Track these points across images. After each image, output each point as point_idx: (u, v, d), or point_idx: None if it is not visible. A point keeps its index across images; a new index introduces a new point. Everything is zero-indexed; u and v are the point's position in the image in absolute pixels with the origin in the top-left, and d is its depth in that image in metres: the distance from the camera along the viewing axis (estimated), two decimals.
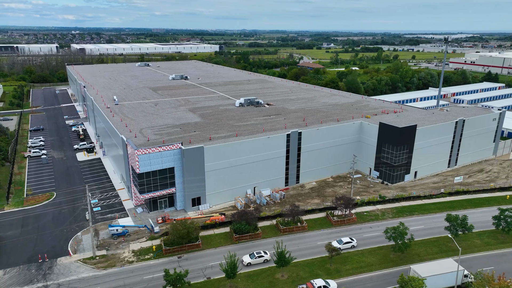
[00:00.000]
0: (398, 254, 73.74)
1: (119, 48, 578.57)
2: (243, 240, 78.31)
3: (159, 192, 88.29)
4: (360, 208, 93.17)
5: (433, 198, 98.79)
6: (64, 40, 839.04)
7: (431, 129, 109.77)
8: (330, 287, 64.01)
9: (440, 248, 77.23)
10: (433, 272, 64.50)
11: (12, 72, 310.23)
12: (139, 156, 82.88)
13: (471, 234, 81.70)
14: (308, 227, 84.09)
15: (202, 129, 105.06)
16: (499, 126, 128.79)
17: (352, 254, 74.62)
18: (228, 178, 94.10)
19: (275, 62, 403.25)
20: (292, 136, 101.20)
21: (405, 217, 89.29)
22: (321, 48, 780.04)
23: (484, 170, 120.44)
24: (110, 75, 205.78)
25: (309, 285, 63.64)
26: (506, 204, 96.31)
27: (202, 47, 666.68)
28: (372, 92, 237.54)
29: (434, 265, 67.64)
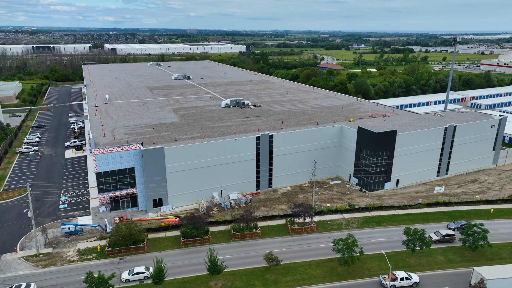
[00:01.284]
0: (345, 267, 69.48)
1: (148, 48, 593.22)
2: (190, 244, 76.70)
3: (119, 192, 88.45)
4: (325, 216, 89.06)
5: (408, 208, 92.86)
6: (100, 41, 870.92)
7: (415, 135, 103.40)
8: (412, 280, 65.51)
9: (396, 263, 72.08)
10: (499, 275, 61.76)
11: (38, 70, 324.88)
12: (96, 155, 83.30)
13: (436, 250, 76.07)
14: (264, 234, 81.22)
15: (175, 129, 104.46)
16: (499, 133, 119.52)
17: (298, 265, 71.15)
18: (192, 180, 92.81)
19: (295, 63, 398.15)
20: (262, 139, 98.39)
21: (371, 228, 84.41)
22: (350, 49, 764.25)
23: (478, 181, 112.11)
24: (117, 75, 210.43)
25: (391, 275, 65.21)
26: (488, 218, 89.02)
27: (229, 47, 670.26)
28: (383, 94, 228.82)
29: (500, 269, 65.00)
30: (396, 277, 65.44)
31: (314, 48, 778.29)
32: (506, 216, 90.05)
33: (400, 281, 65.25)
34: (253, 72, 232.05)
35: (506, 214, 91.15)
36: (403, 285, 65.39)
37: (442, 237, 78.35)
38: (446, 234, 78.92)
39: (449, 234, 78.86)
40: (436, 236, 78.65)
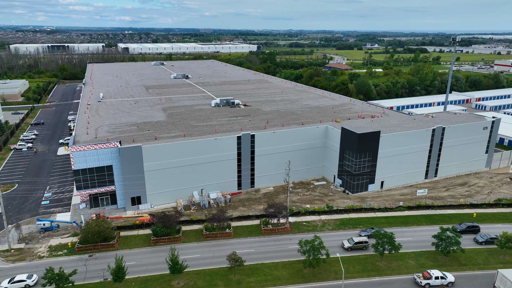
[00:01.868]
0: (311, 269, 68.66)
1: (160, 47, 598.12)
2: (161, 243, 77.00)
3: (98, 189, 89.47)
4: (302, 217, 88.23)
5: (388, 211, 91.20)
6: (114, 40, 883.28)
7: (400, 136, 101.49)
8: (447, 279, 65.32)
9: (365, 266, 70.86)
10: None
11: (47, 69, 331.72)
12: (73, 153, 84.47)
13: (409, 254, 74.53)
14: (236, 234, 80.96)
15: (159, 128, 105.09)
16: (493, 135, 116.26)
17: (265, 266, 70.63)
18: (171, 179, 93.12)
19: (303, 62, 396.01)
20: (243, 138, 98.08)
21: (346, 230, 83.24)
22: (362, 48, 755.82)
23: (467, 184, 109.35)
24: (119, 73, 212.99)
25: (426, 274, 65.65)
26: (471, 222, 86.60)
27: (240, 47, 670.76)
28: (386, 95, 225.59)
29: None
30: (431, 275, 65.27)
31: (326, 48, 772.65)
32: (488, 221, 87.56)
33: (435, 280, 64.75)
34: (254, 71, 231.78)
35: (489, 218, 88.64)
36: (438, 284, 64.60)
37: (355, 244, 74.99)
38: (359, 241, 75.37)
39: (362, 241, 75.34)
40: (348, 243, 75.53)
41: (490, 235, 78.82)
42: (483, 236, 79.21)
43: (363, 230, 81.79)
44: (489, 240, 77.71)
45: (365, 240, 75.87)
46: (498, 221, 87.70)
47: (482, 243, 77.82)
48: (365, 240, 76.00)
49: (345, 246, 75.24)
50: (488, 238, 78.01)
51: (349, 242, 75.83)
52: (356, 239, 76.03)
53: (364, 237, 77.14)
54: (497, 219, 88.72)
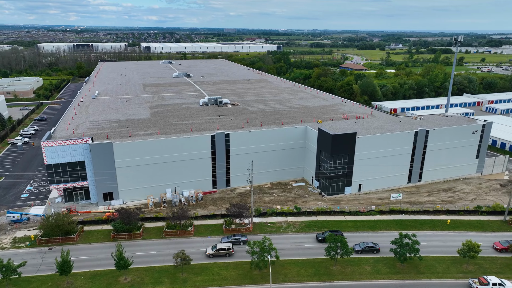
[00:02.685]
0: (261, 271, 67.92)
1: (181, 46, 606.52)
2: (120, 239, 78.17)
3: (71, 184, 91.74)
4: (269, 218, 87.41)
5: (359, 215, 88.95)
6: (139, 39, 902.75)
7: (378, 139, 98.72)
8: (506, 286, 63.85)
9: (318, 270, 69.44)
10: None
11: (65, 67, 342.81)
12: (45, 148, 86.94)
13: (367, 260, 72.52)
14: (198, 233, 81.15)
15: (139, 125, 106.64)
16: (484, 140, 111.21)
17: (216, 265, 70.45)
18: (144, 176, 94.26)
19: (317, 62, 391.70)
20: (217, 137, 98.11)
21: (310, 233, 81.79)
22: (385, 49, 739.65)
23: (453, 189, 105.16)
24: (125, 72, 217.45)
25: (482, 280, 64.48)
26: (443, 229, 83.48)
27: (260, 46, 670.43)
28: (392, 96, 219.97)
29: None
30: (488, 282, 63.81)
31: (348, 48, 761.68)
32: (461, 229, 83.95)
33: (493, 286, 63.41)
34: (257, 71, 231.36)
35: (463, 226, 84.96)
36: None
37: (216, 250, 71.77)
38: (221, 248, 72.08)
39: (224, 248, 72.07)
40: (210, 250, 72.12)
41: (369, 243, 75.25)
42: (361, 244, 75.59)
43: (224, 237, 77.46)
44: (366, 249, 74.21)
45: (228, 247, 72.31)
46: (471, 229, 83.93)
47: (359, 251, 74.12)
48: (228, 247, 72.38)
49: (207, 253, 72.27)
50: (365, 247, 74.49)
51: (212, 249, 72.68)
52: (219, 245, 72.85)
53: (228, 244, 73.44)
54: (471, 226, 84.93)
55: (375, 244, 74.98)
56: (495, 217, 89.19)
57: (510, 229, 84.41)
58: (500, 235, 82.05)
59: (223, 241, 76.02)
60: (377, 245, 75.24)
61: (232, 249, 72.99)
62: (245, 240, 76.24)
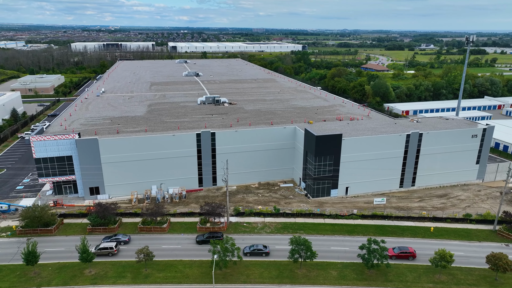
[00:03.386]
0: (223, 271, 67.63)
1: (206, 46, 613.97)
2: (96, 232, 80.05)
3: (59, 178, 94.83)
4: (246, 218, 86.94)
5: (339, 218, 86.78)
6: (168, 39, 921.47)
7: (366, 141, 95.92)
8: None
9: (282, 273, 68.34)
10: None
11: (90, 65, 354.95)
12: (34, 142, 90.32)
13: (336, 264, 70.74)
14: (172, 230, 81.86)
15: (130, 122, 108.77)
16: (485, 145, 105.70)
17: (181, 263, 70.77)
18: (129, 172, 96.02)
19: (338, 62, 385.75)
20: (203, 136, 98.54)
21: (284, 234, 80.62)
22: (414, 49, 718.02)
23: (447, 196, 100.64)
24: (138, 70, 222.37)
25: None
26: (425, 237, 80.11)
27: (285, 46, 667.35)
28: (407, 98, 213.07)
29: None
30: None
31: (376, 48, 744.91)
32: (445, 237, 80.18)
33: None
34: (268, 71, 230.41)
35: (447, 234, 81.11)
36: None
37: (99, 249, 71.76)
38: (103, 247, 71.93)
39: (107, 247, 71.92)
40: (93, 249, 71.48)
41: (257, 246, 73.63)
42: (250, 247, 73.76)
43: (106, 237, 76.85)
44: (254, 251, 72.59)
45: (111, 246, 72.34)
46: (456, 238, 79.96)
47: (247, 254, 72.71)
48: (111, 246, 72.39)
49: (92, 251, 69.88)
50: (254, 249, 72.79)
51: (95, 248, 72.45)
52: (102, 245, 73.04)
53: (111, 243, 73.27)
54: (456, 235, 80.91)
55: (265, 247, 73.39)
56: (485, 226, 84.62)
57: (498, 240, 79.83)
58: (485, 245, 77.76)
59: (105, 241, 75.50)
60: (267, 248, 73.49)
61: (115, 249, 72.75)
62: (125, 240, 76.00)
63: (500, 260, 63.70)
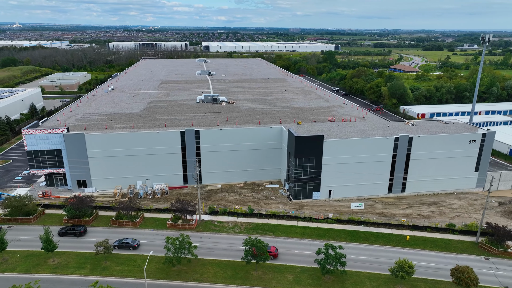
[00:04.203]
0: (178, 268, 68.01)
1: (238, 46, 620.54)
2: (72, 223, 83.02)
3: (49, 170, 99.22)
4: (219, 217, 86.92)
5: (314, 222, 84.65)
6: (203, 38, 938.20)
7: (351, 143, 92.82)
8: None
9: (236, 273, 67.69)
10: None
11: (118, 64, 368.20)
12: (25, 135, 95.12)
13: (294, 268, 69.24)
14: (144, 225, 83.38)
15: (124, 119, 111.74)
16: (485, 151, 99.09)
17: (141, 257, 71.77)
18: (115, 167, 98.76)
19: (365, 63, 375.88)
20: (187, 134, 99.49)
21: (252, 235, 79.06)
22: (454, 49, 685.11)
23: (439, 204, 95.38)
24: (156, 68, 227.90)
25: None
26: (399, 246, 76.47)
27: (317, 46, 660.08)
28: (426, 100, 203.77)
29: None
30: None
31: (413, 48, 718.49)
32: (420, 247, 76.09)
33: None
34: (282, 70, 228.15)
35: (424, 244, 76.89)
36: None
37: None
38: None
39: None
40: None
41: (127, 239, 75.01)
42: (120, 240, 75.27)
43: None
44: (122, 245, 74.40)
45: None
46: (431, 248, 75.61)
47: (115, 247, 74.44)
48: None
49: None
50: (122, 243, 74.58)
51: None
52: None
53: None
54: (433, 245, 76.54)
55: (133, 241, 74.94)
56: (468, 237, 79.39)
57: (479, 253, 74.63)
58: (462, 257, 72.98)
59: None
60: (136, 242, 75.02)
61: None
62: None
63: (463, 274, 59.57)
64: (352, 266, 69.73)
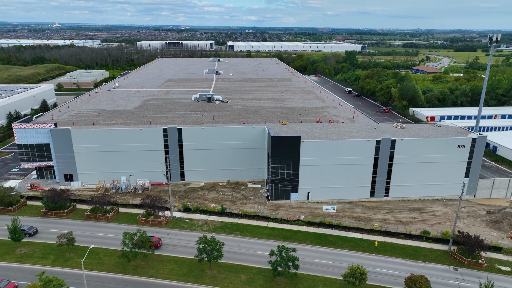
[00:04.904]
0: (135, 263, 69.05)
1: (263, 45, 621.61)
2: (48, 215, 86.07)
3: (39, 163, 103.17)
4: (191, 214, 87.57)
5: (284, 223, 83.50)
6: (230, 38, 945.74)
7: (329, 145, 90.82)
8: None
9: (191, 271, 67.85)
10: None
11: (139, 62, 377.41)
12: (16, 129, 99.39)
13: (250, 269, 68.69)
14: (116, 219, 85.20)
15: (115, 116, 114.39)
16: (475, 156, 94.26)
17: (104, 251, 73.44)
18: (101, 162, 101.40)
19: (386, 63, 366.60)
20: (170, 131, 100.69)
21: (218, 234, 79.68)
22: (488, 50, 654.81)
23: (422, 210, 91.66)
24: (167, 67, 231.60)
25: None
26: (365, 251, 74.23)
27: (343, 46, 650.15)
28: (439, 103, 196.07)
29: None
30: None
31: (445, 49, 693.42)
32: (388, 253, 73.57)
33: None
34: (291, 70, 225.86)
35: (392, 251, 74.24)
36: None
37: None
38: None
39: None
40: None
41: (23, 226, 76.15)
42: None
43: None
44: None
45: None
46: (399, 256, 72.80)
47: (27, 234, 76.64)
48: None
49: None
50: None
51: None
52: None
53: None
54: (402, 253, 73.73)
55: (30, 228, 77.92)
56: (442, 246, 75.86)
57: (448, 262, 71.14)
58: (429, 266, 69.83)
59: None
60: (32, 229, 77.93)
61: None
62: None
63: (414, 284, 56.96)
64: (311, 269, 68.37)
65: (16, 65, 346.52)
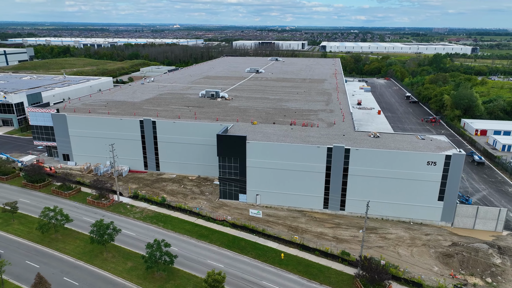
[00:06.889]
0: (56, 235, 76.55)
1: (357, 46, 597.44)
2: (28, 187, 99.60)
3: (46, 143, 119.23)
4: (136, 202, 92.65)
5: (211, 222, 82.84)
6: (330, 39, 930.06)
7: (276, 148, 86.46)
8: None
9: (92, 251, 72.44)
10: None
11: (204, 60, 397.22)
12: (29, 112, 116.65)
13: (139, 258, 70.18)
14: (73, 198, 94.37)
15: (117, 106, 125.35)
16: (452, 177, 79.68)
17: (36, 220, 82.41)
18: (91, 146, 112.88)
19: (481, 68, 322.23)
20: (145, 123, 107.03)
21: (144, 222, 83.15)
22: None
23: (373, 231, 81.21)
24: (220, 65, 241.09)
25: None
26: (267, 262, 70.00)
27: (449, 48, 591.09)
28: (505, 115, 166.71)
29: None
30: None
31: None
32: (288, 268, 68.07)
33: None
34: (337, 71, 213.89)
35: (295, 266, 68.57)
36: None
37: None
38: None
39: None
40: None
41: None
42: None
43: None
44: None
45: None
46: (300, 273, 66.60)
47: None
48: None
49: None
50: None
51: None
52: None
53: None
54: (304, 271, 67.24)
55: None
56: (355, 270, 66.69)
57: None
58: None
59: None
60: None
61: None
62: None
63: None
64: (198, 270, 67.13)
65: (116, 60, 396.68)
